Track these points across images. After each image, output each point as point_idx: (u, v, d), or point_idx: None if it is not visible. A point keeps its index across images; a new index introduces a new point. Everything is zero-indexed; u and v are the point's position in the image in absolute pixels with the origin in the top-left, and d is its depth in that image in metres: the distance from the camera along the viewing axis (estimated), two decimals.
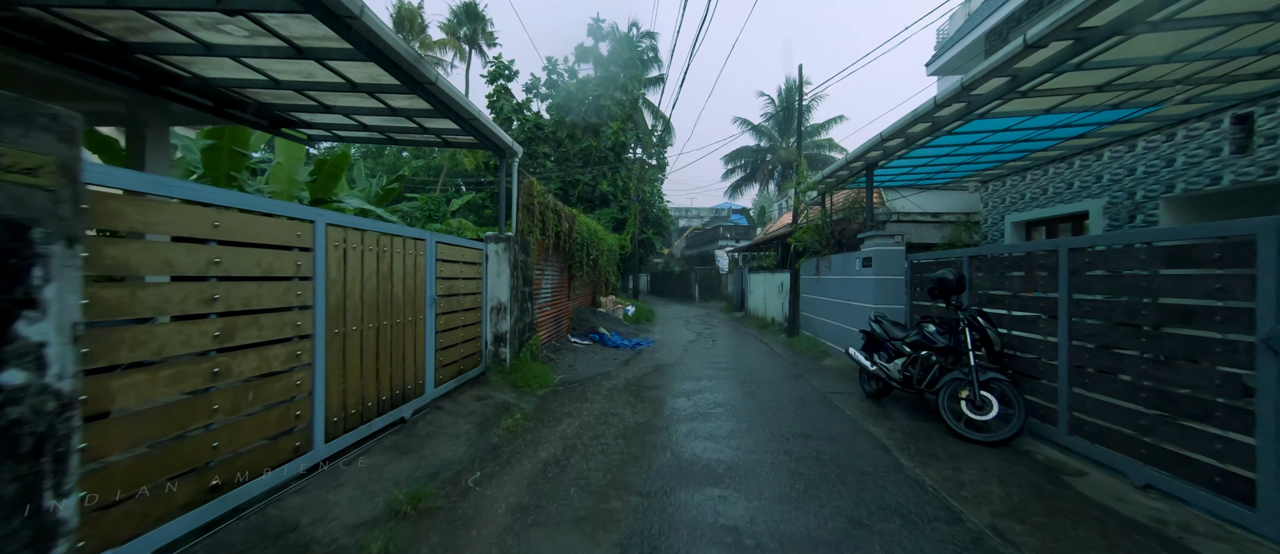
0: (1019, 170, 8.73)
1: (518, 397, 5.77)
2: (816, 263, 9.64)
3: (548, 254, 8.83)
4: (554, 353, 8.53)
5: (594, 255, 13.36)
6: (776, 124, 39.51)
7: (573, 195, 22.17)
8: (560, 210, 9.02)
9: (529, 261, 7.30)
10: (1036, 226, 8.85)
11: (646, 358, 8.91)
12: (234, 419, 2.55)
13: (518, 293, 6.73)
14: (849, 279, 7.91)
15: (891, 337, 5.51)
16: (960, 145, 7.05)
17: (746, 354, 9.36)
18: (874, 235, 6.97)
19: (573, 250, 10.67)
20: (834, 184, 9.44)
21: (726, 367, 8.04)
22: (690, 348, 10.20)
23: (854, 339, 7.56)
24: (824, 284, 9.34)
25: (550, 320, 9.27)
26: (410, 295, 4.40)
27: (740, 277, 20.51)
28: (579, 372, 7.46)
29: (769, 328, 13.49)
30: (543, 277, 8.66)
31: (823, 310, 9.39)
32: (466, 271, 5.72)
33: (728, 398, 5.94)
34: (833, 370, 7.55)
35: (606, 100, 21.56)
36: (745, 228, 34.74)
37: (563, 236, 9.35)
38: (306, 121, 6.17)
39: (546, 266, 8.91)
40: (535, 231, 7.55)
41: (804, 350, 9.40)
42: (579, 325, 11.45)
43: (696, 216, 47.26)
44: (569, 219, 9.93)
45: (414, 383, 4.52)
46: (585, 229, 11.93)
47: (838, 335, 8.45)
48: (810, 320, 10.30)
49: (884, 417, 5.10)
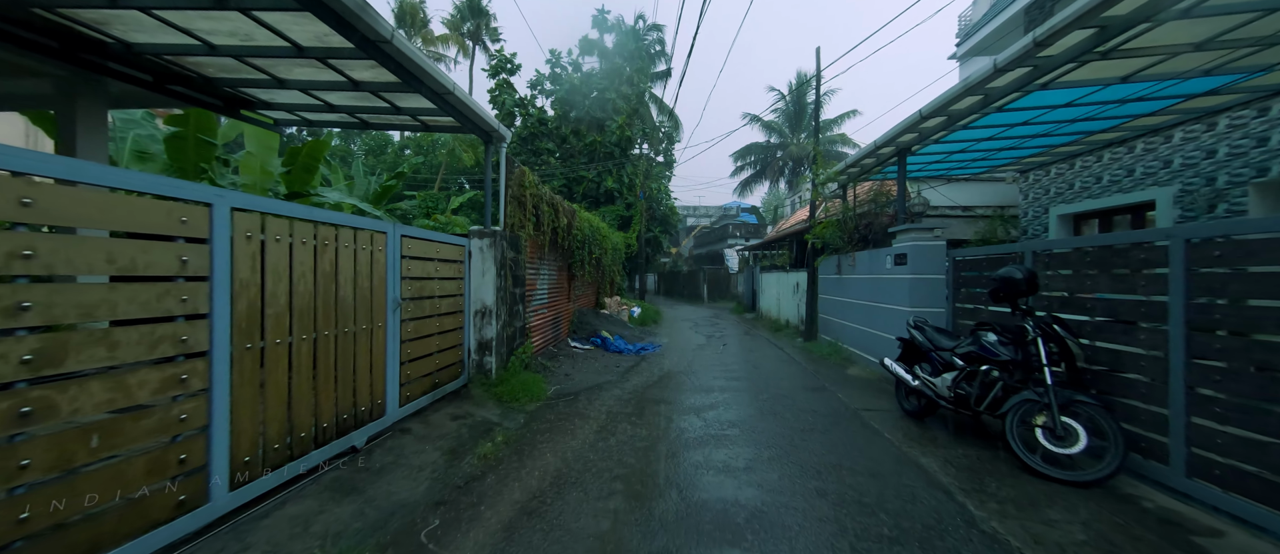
0: (1067, 157, 7.83)
1: (502, 414, 5.02)
2: (838, 261, 8.81)
3: (543, 252, 8.09)
4: (550, 360, 7.79)
5: (597, 254, 12.61)
6: (787, 119, 38.54)
7: (577, 193, 21.46)
8: (557, 204, 8.28)
9: (520, 260, 6.56)
10: (1087, 219, 7.94)
11: (652, 365, 8.14)
12: (60, 478, 1.81)
13: (506, 294, 5.99)
14: (878, 279, 7.07)
15: (937, 346, 4.69)
16: (1007, 127, 6.20)
17: (761, 361, 8.56)
18: (909, 229, 6.14)
19: (573, 248, 9.93)
20: (858, 174, 8.60)
21: (740, 375, 7.24)
22: (699, 353, 9.41)
23: (882, 345, 6.73)
24: (847, 284, 8.50)
25: (547, 324, 8.53)
26: (365, 299, 3.67)
27: (751, 276, 19.66)
28: (576, 381, 6.71)
29: (783, 331, 12.65)
30: (538, 276, 7.92)
31: (845, 313, 8.56)
32: (444, 271, 4.99)
33: (743, 415, 5.15)
34: (859, 381, 6.72)
35: (612, 94, 20.82)
36: (755, 226, 33.85)
37: (561, 233, 8.61)
38: (264, 101, 5.48)
39: (542, 265, 8.18)
40: (527, 226, 6.81)
41: (824, 357, 8.57)
42: (580, 328, 10.71)
43: (705, 215, 46.37)
44: (568, 214, 9.19)
45: (371, 403, 3.79)
46: (587, 226, 11.18)
47: (863, 341, 7.61)
48: (830, 323, 9.46)
49: (931, 442, 4.28)
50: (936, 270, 5.97)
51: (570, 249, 9.83)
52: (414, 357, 4.40)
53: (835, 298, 9.16)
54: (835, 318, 9.16)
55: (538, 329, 7.86)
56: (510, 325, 6.17)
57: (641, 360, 8.62)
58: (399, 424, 4.15)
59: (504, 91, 21.18)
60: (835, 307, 9.17)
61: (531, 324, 7.46)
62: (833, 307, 9.32)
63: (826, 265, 9.44)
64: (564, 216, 8.73)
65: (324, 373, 3.27)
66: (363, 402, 3.67)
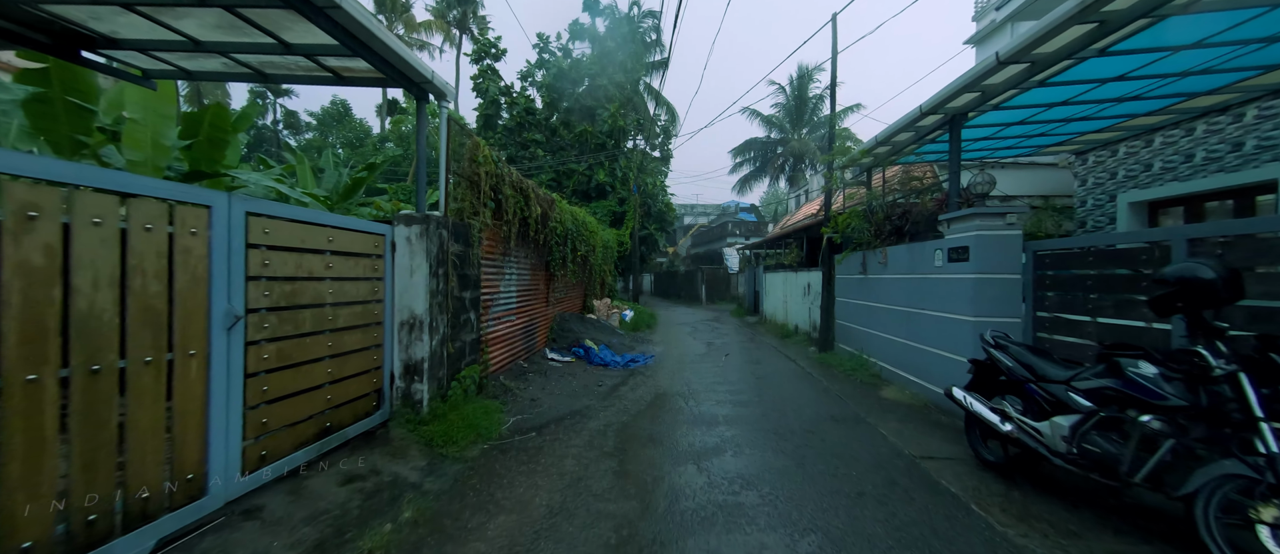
0: (1145, 131, 6.47)
1: (427, 467, 3.61)
2: (863, 258, 7.42)
3: (509, 246, 6.67)
4: (516, 378, 6.37)
5: (582, 251, 11.20)
6: (788, 115, 37.23)
7: (567, 187, 20.05)
8: (528, 190, 6.87)
9: (470, 255, 5.15)
10: (1166, 208, 6.58)
11: (642, 382, 6.73)
12: None
13: (446, 300, 4.58)
14: (923, 280, 5.69)
15: (1039, 376, 3.30)
16: (1091, 85, 4.83)
17: (772, 376, 7.17)
18: (970, 215, 4.75)
19: (551, 244, 8.52)
20: (887, 155, 7.21)
21: (749, 399, 5.84)
22: (699, 366, 8.01)
23: (929, 363, 5.33)
24: (875, 286, 7.12)
25: (516, 333, 7.11)
26: (154, 311, 2.26)
27: (753, 277, 18.29)
28: (544, 408, 5.30)
29: (792, 337, 11.26)
30: (501, 276, 6.50)
31: (873, 320, 7.17)
32: (345, 267, 3.58)
33: (761, 465, 3.75)
34: (901, 409, 5.34)
35: (603, 80, 19.40)
36: (755, 224, 32.53)
37: (534, 225, 7.20)
38: (107, 36, 4.04)
39: (508, 263, 6.76)
40: (483, 213, 5.40)
41: (847, 372, 7.18)
42: (561, 337, 9.28)
43: (702, 213, 45.03)
44: (544, 203, 7.77)
45: (178, 477, 2.37)
46: (569, 218, 9.77)
47: (900, 356, 6.23)
48: (851, 332, 8.08)
49: (1049, 525, 2.88)
50: (1008, 267, 4.58)
51: (547, 244, 8.42)
52: (279, 394, 2.98)
53: (858, 302, 7.77)
54: (858, 325, 7.77)
55: (501, 341, 6.44)
56: (454, 340, 4.75)
57: (630, 376, 7.22)
58: (241, 502, 2.72)
59: (488, 79, 19.76)
60: (858, 312, 7.78)
61: (492, 335, 6.04)
62: (855, 312, 7.93)
63: (848, 263, 8.05)
64: (538, 205, 7.31)
65: (47, 442, 1.85)
66: (153, 478, 2.25)
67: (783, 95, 36.99)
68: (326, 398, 3.39)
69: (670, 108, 26.90)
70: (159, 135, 5.22)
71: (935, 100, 5.21)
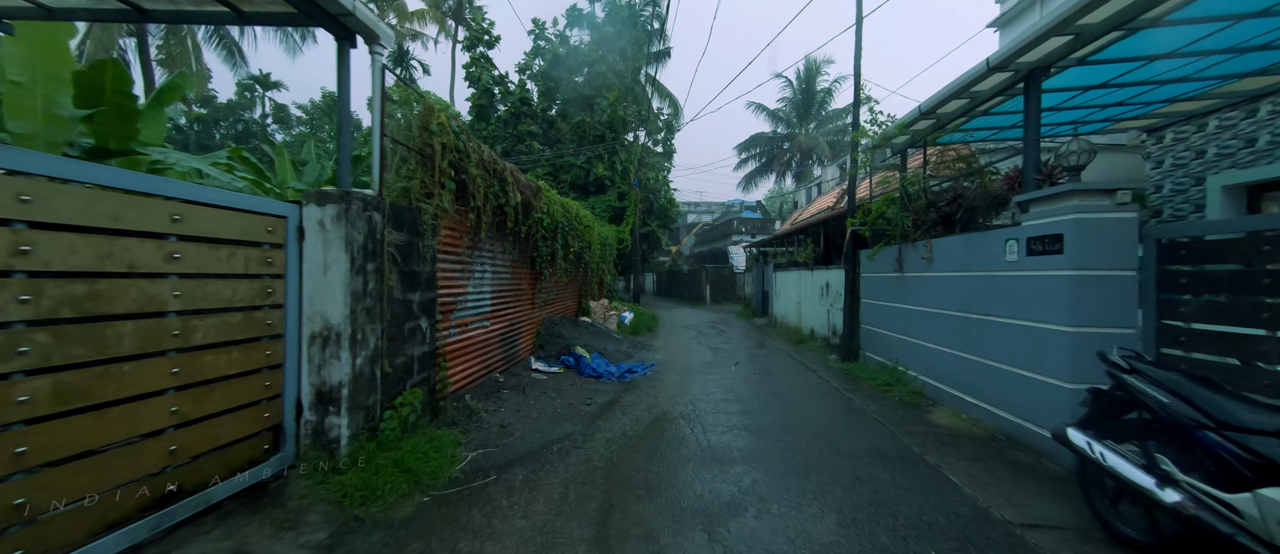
0: (1247, 98, 5.34)
1: (329, 540, 2.54)
2: (898, 253, 6.31)
3: (479, 238, 5.59)
4: (486, 397, 5.31)
5: (575, 248, 10.14)
6: (794, 109, 36.09)
7: (563, 181, 18.99)
8: (504, 171, 5.80)
9: (419, 246, 4.08)
10: (1273, 191, 5.45)
11: (639, 399, 5.65)
12: None
13: (380, 304, 3.51)
14: (986, 277, 4.58)
15: (1222, 420, 2.21)
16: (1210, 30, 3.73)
17: (791, 391, 6.08)
18: (1062, 193, 3.64)
19: (536, 237, 7.45)
20: (928, 131, 6.10)
21: (768, 423, 4.76)
22: (705, 378, 6.92)
23: (992, 381, 4.23)
24: (915, 286, 6.01)
25: (490, 342, 6.04)
26: None
27: (761, 276, 17.18)
28: (514, 439, 4.23)
29: (807, 343, 10.16)
30: (470, 274, 5.43)
31: (912, 326, 6.06)
32: (207, 260, 2.52)
33: (796, 533, 2.66)
34: (962, 440, 4.24)
35: (602, 67, 18.32)
36: (761, 222, 31.40)
37: (513, 215, 6.14)
38: None
39: (480, 258, 5.68)
40: (439, 195, 4.33)
41: (881, 387, 6.08)
42: (549, 343, 8.22)
43: (706, 211, 43.91)
44: (526, 190, 6.70)
45: None
46: (559, 210, 8.71)
47: (950, 370, 5.12)
48: (881, 339, 6.97)
49: None
50: (1120, 261, 3.47)
51: (532, 238, 7.35)
52: (64, 454, 1.92)
53: (892, 304, 6.66)
54: (891, 331, 6.66)
55: (468, 352, 5.37)
56: (394, 355, 3.69)
57: (626, 391, 6.14)
58: None
59: (480, 67, 18.71)
60: (891, 316, 6.67)
61: (454, 346, 4.97)
62: (887, 316, 6.83)
63: (879, 260, 6.92)
64: (517, 191, 6.24)
65: None
66: None
67: (789, 89, 35.86)
68: (169, 449, 2.33)
69: (673, 100, 25.80)
70: (50, 100, 4.19)
71: (1007, 52, 4.11)
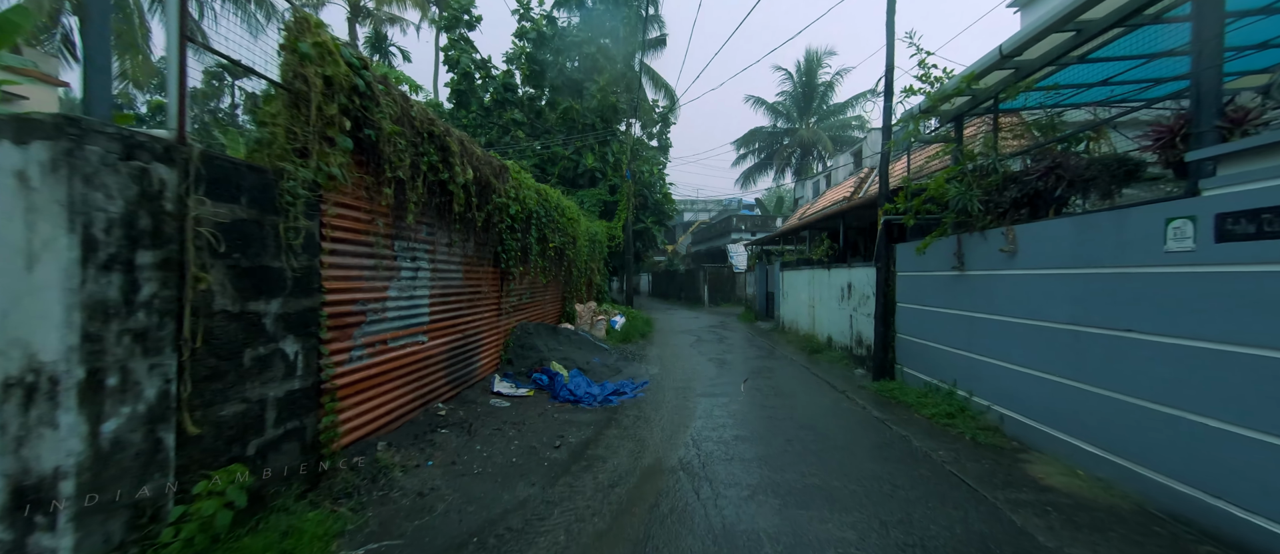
0: None
1: None
2: (957, 245, 4.92)
3: (405, 223, 4.09)
4: (415, 441, 3.86)
5: (556, 243, 8.72)
6: (795, 102, 34.81)
7: (551, 174, 17.53)
8: (444, 136, 4.37)
9: (282, 230, 2.64)
10: None
11: (624, 438, 4.23)
12: None
13: (160, 326, 2.07)
14: (1127, 276, 3.18)
15: None
16: None
17: (822, 422, 4.67)
18: None
19: (501, 228, 6.02)
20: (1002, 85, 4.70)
21: (806, 481, 3.35)
22: (709, 403, 5.49)
23: (1146, 429, 2.82)
24: (986, 287, 4.63)
25: (430, 361, 4.59)
26: None
27: (765, 276, 15.80)
28: (434, 517, 2.79)
29: (824, 353, 8.77)
30: (394, 272, 3.96)
31: (982, 340, 4.67)
32: None
33: None
34: (1100, 518, 2.85)
35: (591, 48, 16.89)
36: (761, 219, 30.07)
37: (464, 196, 4.72)
38: None
39: (411, 252, 4.22)
40: (323, 154, 2.90)
41: (940, 420, 4.68)
42: (519, 357, 6.78)
43: (704, 208, 42.54)
44: (484, 166, 5.27)
45: None
46: (533, 197, 7.28)
47: (1056, 404, 3.73)
48: (928, 353, 5.59)
49: None
50: None
51: (495, 229, 5.91)
52: None
53: (947, 310, 5.27)
54: (947, 345, 5.28)
55: (386, 381, 3.91)
56: (211, 406, 2.25)
57: (609, 423, 4.72)
58: None
59: (460, 49, 17.21)
60: (947, 326, 5.29)
61: (361, 373, 3.51)
62: (940, 325, 5.44)
63: (931, 254, 5.50)
64: (467, 166, 4.80)
65: None
66: None
67: (790, 82, 34.55)
68: None
69: (669, 89, 24.42)
70: None
71: None
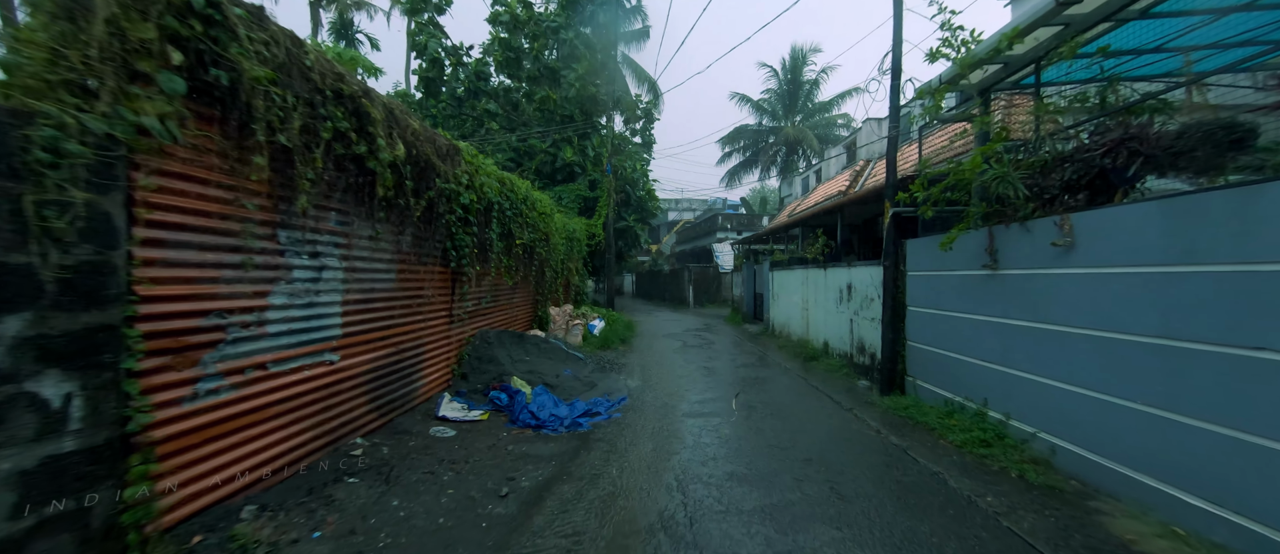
0: None
1: None
2: (990, 239, 4.14)
3: (290, 205, 3.10)
4: (307, 498, 2.89)
5: (524, 240, 7.76)
6: (780, 100, 34.30)
7: (528, 169, 16.51)
8: (357, 94, 3.41)
9: (67, 207, 1.68)
10: None
11: (594, 479, 3.32)
12: None
13: None
14: (1254, 275, 2.39)
15: None
16: None
17: (832, 454, 3.84)
18: None
19: (449, 220, 5.05)
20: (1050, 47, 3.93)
21: (822, 542, 2.51)
22: (697, 425, 4.61)
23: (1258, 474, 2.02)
24: (1029, 289, 3.85)
25: (342, 387, 3.60)
26: None
27: (753, 276, 15.05)
28: None
29: (820, 361, 7.99)
30: (282, 273, 2.98)
31: (1024, 353, 3.90)
32: None
33: None
34: None
35: (569, 33, 15.92)
36: (747, 218, 29.46)
37: (392, 178, 3.77)
38: None
39: (311, 244, 3.23)
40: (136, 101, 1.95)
41: (973, 450, 3.89)
42: (476, 372, 5.82)
43: (688, 208, 41.85)
44: (420, 142, 4.31)
45: None
46: (495, 187, 6.32)
47: (1132, 442, 2.94)
48: (953, 367, 4.81)
49: None
50: None
51: (441, 220, 4.95)
52: None
53: (975, 316, 4.49)
54: (974, 357, 4.50)
55: (283, 413, 2.93)
56: None
57: (575, 456, 3.80)
58: None
59: (428, 34, 16.06)
60: (975, 334, 4.51)
61: (211, 416, 2.54)
62: (964, 333, 4.67)
63: (957, 251, 4.69)
64: (396, 141, 3.84)
65: None
66: None
67: (775, 79, 34.04)
68: None
69: (652, 83, 23.58)
70: None
71: None
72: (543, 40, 16.24)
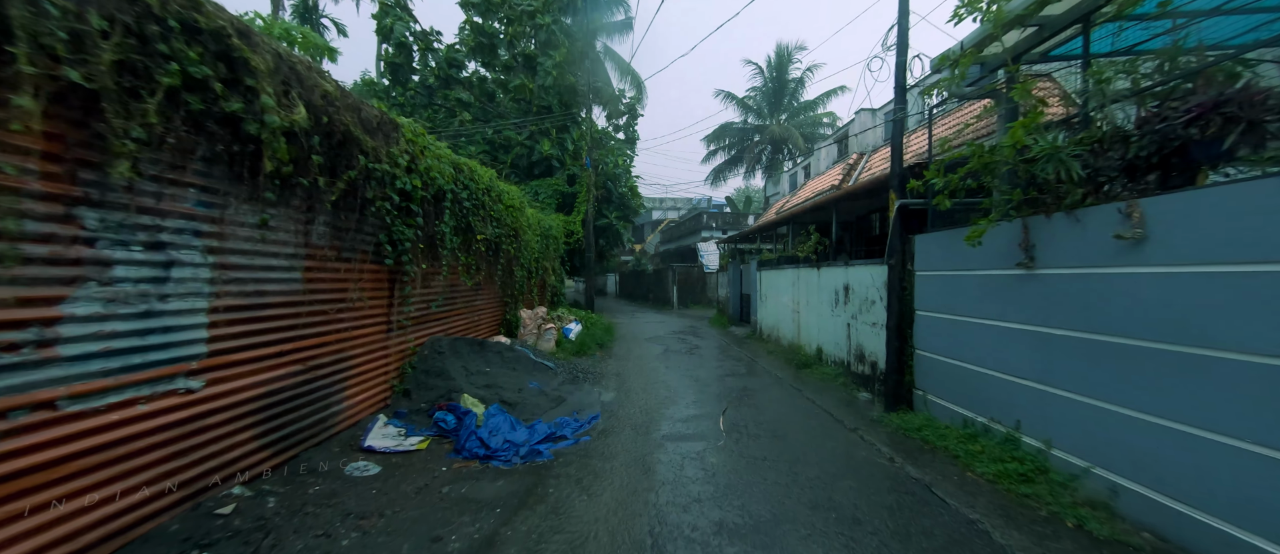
0: None
1: None
2: (1025, 233, 3.47)
3: (119, 170, 2.25)
4: None
5: (488, 235, 6.92)
6: (765, 98, 33.86)
7: (504, 163, 15.59)
8: (237, 36, 2.57)
9: None
10: None
11: (541, 539, 2.56)
12: None
13: None
14: None
15: None
16: None
17: (840, 486, 3.12)
18: None
19: (380, 207, 4.21)
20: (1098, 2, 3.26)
21: None
22: (680, 450, 3.84)
23: None
24: (1066, 292, 3.19)
25: (228, 414, 2.74)
26: None
27: (739, 276, 14.38)
28: None
29: (814, 368, 7.31)
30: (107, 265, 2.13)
31: (1068, 370, 3.23)
32: None
33: None
34: None
35: (546, 18, 15.04)
36: (733, 216, 28.90)
37: (286, 149, 2.94)
38: None
39: (163, 228, 2.39)
40: None
41: (1007, 485, 3.21)
42: (422, 388, 4.98)
43: (673, 207, 41.16)
44: (338, 108, 3.48)
45: None
46: (448, 172, 5.47)
47: (1245, 495, 2.28)
48: (972, 380, 4.15)
49: None
50: None
51: (376, 209, 4.10)
52: None
53: (1001, 324, 3.83)
54: (1002, 372, 3.84)
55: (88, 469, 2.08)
56: None
57: (527, 498, 3.00)
58: None
59: (393, 16, 15.00)
60: (1002, 344, 3.85)
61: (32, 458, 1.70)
62: (984, 341, 4.00)
63: (991, 245, 3.96)
64: (295, 102, 3.01)
65: None
66: None
67: (760, 77, 33.57)
68: None
69: (635, 77, 22.84)
70: None
71: None
72: (518, 25, 15.34)
